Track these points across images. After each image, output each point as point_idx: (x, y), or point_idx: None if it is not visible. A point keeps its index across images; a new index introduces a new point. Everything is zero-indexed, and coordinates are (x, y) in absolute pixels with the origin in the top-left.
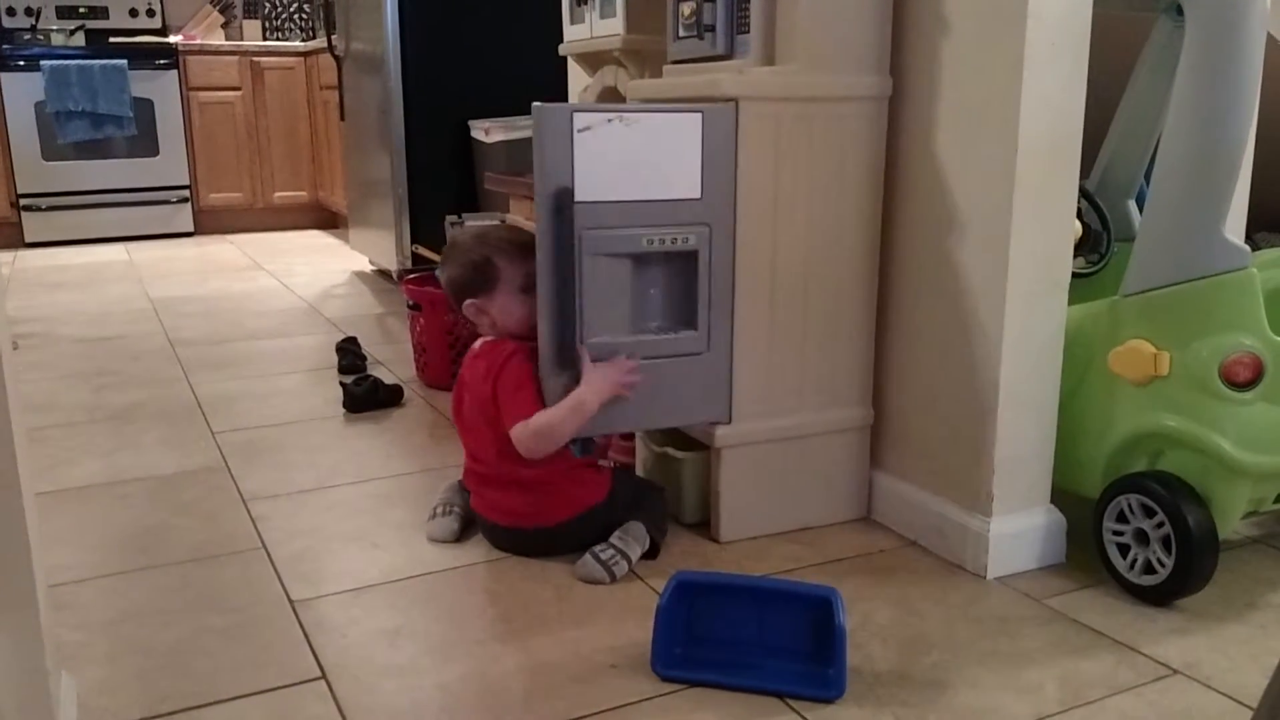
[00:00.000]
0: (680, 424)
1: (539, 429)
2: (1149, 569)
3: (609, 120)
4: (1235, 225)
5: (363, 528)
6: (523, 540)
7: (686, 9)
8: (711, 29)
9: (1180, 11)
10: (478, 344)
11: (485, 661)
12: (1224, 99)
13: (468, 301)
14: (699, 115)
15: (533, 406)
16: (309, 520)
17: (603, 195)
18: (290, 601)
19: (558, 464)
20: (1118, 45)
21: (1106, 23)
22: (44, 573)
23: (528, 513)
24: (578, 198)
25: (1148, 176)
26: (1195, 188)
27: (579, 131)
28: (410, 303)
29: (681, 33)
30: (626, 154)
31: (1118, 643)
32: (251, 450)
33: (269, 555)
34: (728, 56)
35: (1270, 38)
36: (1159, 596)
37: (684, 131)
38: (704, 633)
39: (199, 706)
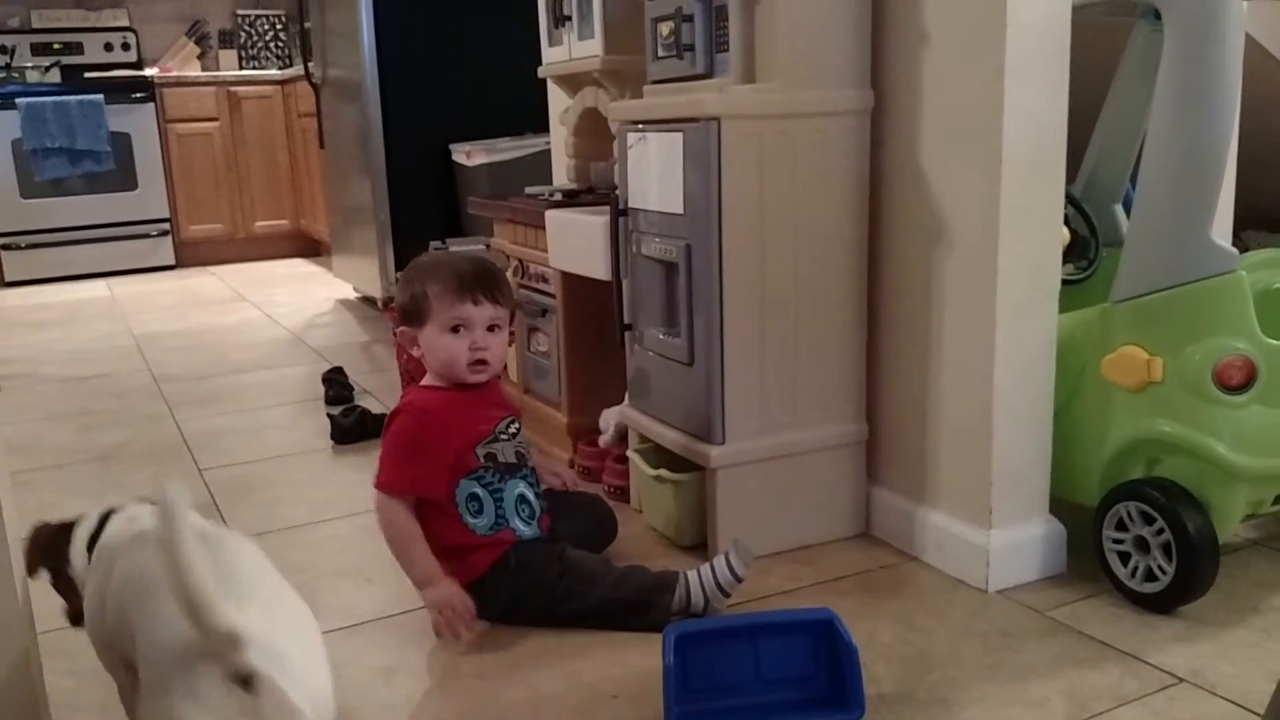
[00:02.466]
0: (676, 424)
1: (394, 534)
2: (1150, 576)
3: (640, 138)
4: (1222, 225)
5: (354, 563)
6: None
7: (665, 29)
8: (691, 48)
9: (1158, 16)
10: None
11: (485, 696)
12: (1205, 102)
13: (402, 329)
14: (680, 135)
15: (398, 477)
16: (300, 557)
17: (637, 203)
18: None
19: (447, 536)
20: (1099, 51)
21: (1087, 29)
22: (34, 620)
23: None
24: (631, 204)
25: (1133, 180)
26: (1180, 192)
27: (630, 148)
28: (396, 330)
29: (661, 53)
30: (646, 168)
31: (1122, 652)
32: (240, 487)
33: None
34: (708, 75)
35: (1249, 37)
36: (1161, 604)
37: (670, 150)
38: (711, 681)
39: None
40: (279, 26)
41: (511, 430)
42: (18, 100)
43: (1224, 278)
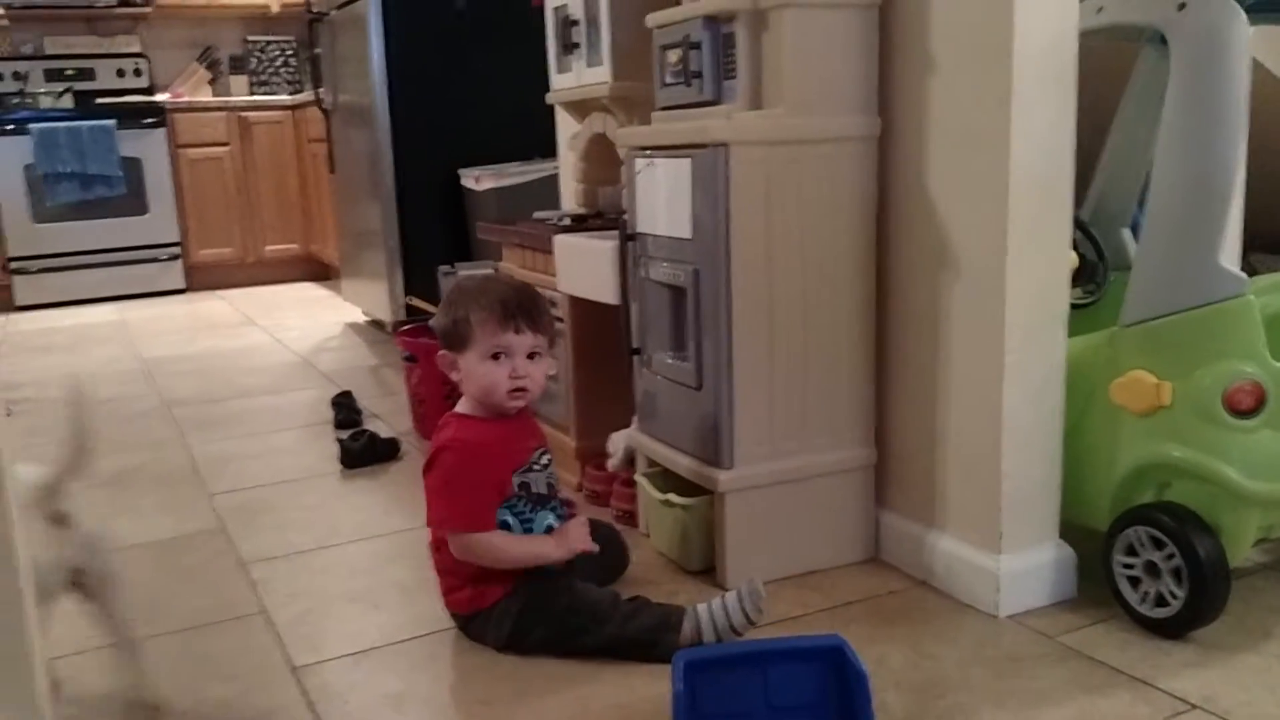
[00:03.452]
0: (684, 448)
1: (495, 554)
2: (1161, 601)
3: (648, 164)
4: (1230, 249)
5: (363, 588)
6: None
7: (673, 56)
8: (699, 75)
9: (1164, 41)
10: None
11: None
12: (1212, 126)
13: (441, 353)
14: (689, 161)
15: (458, 514)
16: (308, 582)
17: (645, 228)
18: (292, 667)
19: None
20: (1106, 75)
21: (1093, 54)
22: (42, 646)
23: (445, 593)
24: (639, 229)
25: (1141, 204)
26: (1189, 217)
27: (638, 173)
28: (405, 355)
29: (669, 80)
30: (654, 193)
31: (1133, 679)
32: (249, 511)
33: (269, 620)
34: (715, 102)
35: (1255, 62)
36: (1172, 629)
37: (678, 176)
38: (721, 709)
39: None
40: (289, 52)
41: (544, 461)
42: (30, 126)
43: (1233, 302)
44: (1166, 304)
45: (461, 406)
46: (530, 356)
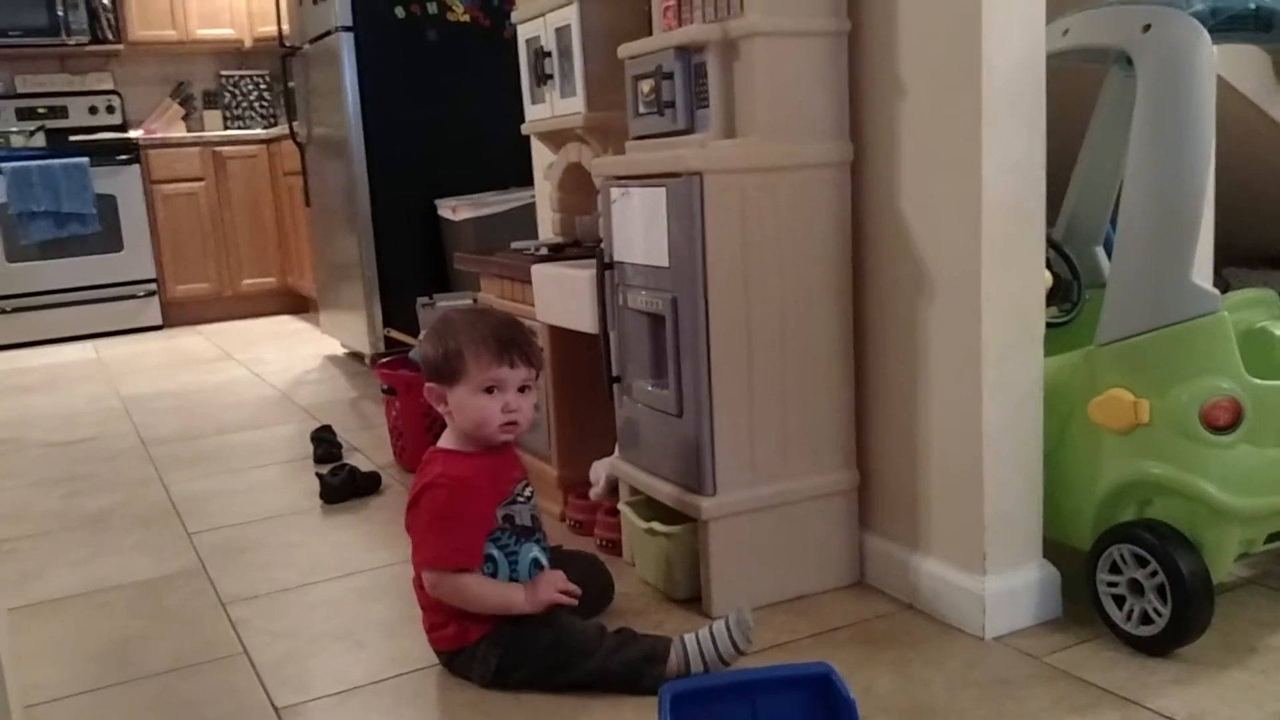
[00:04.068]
0: (667, 476)
1: (464, 595)
2: (1146, 619)
3: (623, 193)
4: (1203, 263)
5: (345, 626)
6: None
7: (646, 86)
8: (671, 105)
9: (1130, 62)
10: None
11: None
12: (1179, 145)
13: (429, 385)
14: (664, 190)
15: (444, 552)
16: (290, 621)
17: (622, 257)
18: (275, 709)
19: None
20: (1076, 95)
21: (1063, 74)
22: (20, 693)
23: (428, 630)
24: (616, 258)
25: (1113, 222)
26: (1160, 235)
27: (614, 203)
28: (385, 387)
29: (642, 109)
30: (630, 222)
31: (1121, 698)
32: (229, 550)
33: (251, 661)
34: (689, 131)
35: (1222, 80)
36: (1158, 646)
37: (654, 205)
38: None
39: None
40: (263, 86)
41: (527, 494)
42: (3, 165)
43: (1207, 319)
44: (1141, 322)
45: (445, 440)
46: (521, 390)
